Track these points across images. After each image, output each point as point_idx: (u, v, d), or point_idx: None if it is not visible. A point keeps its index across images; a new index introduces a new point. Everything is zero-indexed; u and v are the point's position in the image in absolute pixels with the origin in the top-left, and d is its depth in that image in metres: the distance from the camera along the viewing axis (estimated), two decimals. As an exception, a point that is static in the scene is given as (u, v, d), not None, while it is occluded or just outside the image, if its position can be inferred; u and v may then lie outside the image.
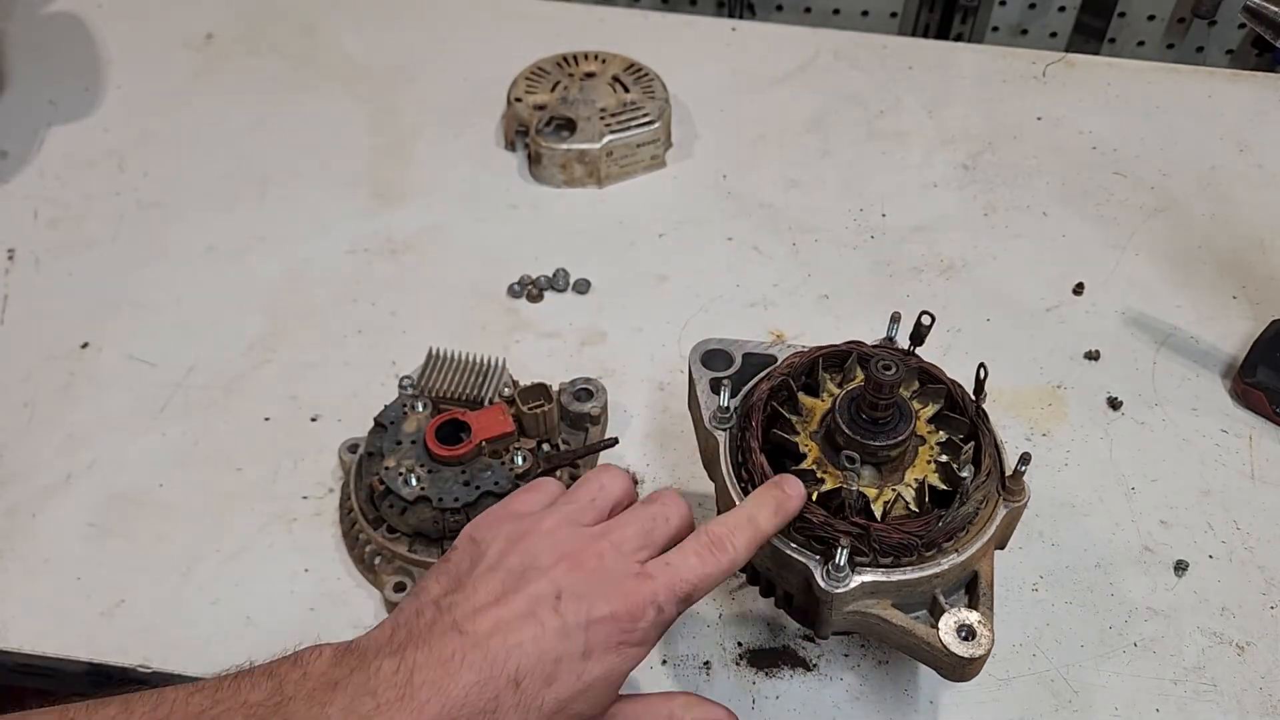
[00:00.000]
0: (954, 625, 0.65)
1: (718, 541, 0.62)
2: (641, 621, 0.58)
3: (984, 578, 0.68)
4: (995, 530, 0.69)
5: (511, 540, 0.61)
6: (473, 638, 0.56)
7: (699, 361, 0.78)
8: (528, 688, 0.55)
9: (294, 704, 0.53)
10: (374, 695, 0.53)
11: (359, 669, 0.55)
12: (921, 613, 0.68)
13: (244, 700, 0.53)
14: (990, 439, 0.72)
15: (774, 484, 0.66)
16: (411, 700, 0.53)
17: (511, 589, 0.58)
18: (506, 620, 0.57)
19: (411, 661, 0.55)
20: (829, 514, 0.66)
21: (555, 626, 0.57)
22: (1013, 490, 0.70)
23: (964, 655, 0.64)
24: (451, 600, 0.58)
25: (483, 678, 0.55)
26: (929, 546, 0.66)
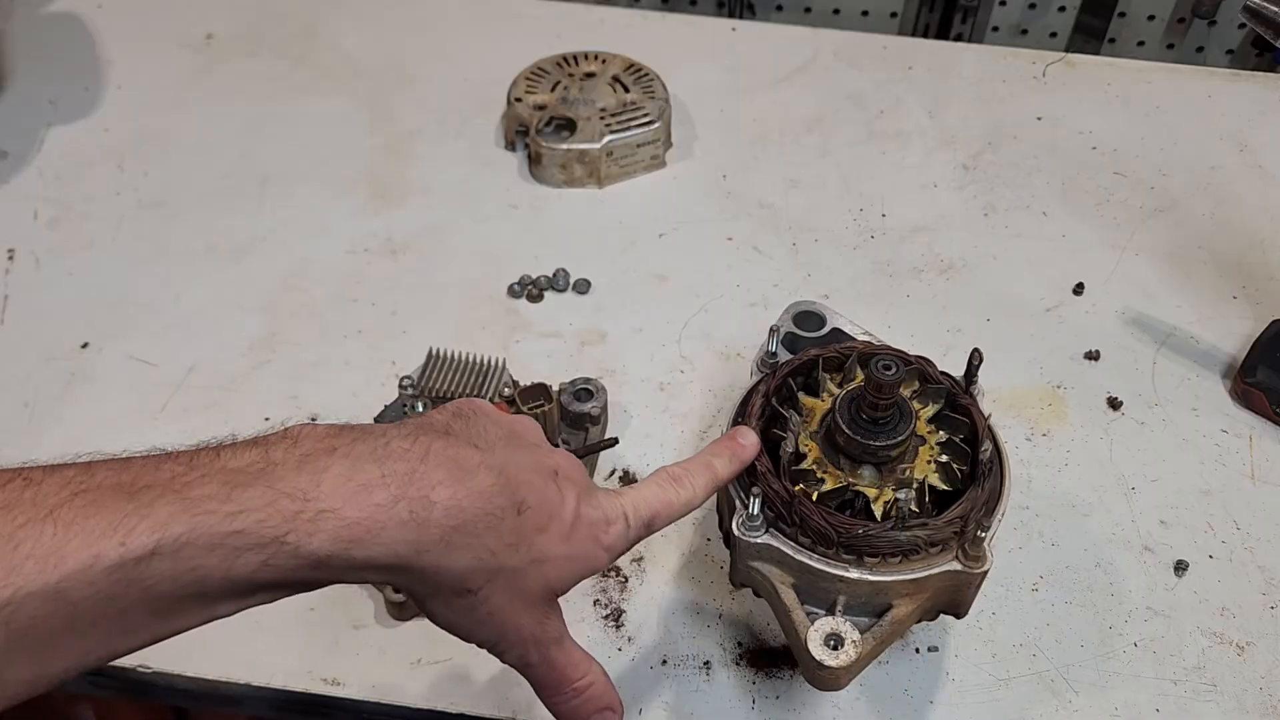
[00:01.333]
0: (827, 629, 0.65)
1: (676, 477, 0.64)
2: (614, 526, 0.59)
3: (895, 616, 0.66)
4: (932, 577, 0.66)
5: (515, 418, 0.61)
6: (488, 454, 0.54)
7: (791, 319, 0.82)
8: (527, 521, 0.54)
9: (281, 469, 0.48)
10: (380, 464, 0.50)
11: (363, 439, 0.51)
12: (820, 611, 0.67)
13: (224, 466, 0.48)
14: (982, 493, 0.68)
15: (730, 435, 0.69)
16: (424, 478, 0.50)
17: (517, 441, 0.57)
18: (517, 460, 0.55)
19: (427, 445, 0.52)
20: (774, 468, 0.67)
21: (554, 490, 0.56)
22: (971, 554, 0.66)
23: (817, 657, 0.64)
24: (462, 425, 0.56)
25: (496, 489, 0.52)
26: (849, 550, 0.65)
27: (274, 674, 0.78)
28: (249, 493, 0.47)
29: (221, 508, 0.46)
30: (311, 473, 0.48)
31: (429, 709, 0.77)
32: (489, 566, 0.53)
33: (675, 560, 0.85)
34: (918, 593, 0.67)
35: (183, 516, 0.45)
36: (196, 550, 0.45)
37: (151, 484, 0.46)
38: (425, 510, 0.50)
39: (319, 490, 0.48)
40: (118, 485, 0.45)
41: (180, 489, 0.46)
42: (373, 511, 0.48)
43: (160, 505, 0.45)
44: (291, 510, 0.47)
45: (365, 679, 0.78)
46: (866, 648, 0.65)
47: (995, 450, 0.69)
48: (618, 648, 0.80)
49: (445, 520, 0.50)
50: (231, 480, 0.47)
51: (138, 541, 0.43)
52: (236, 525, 0.46)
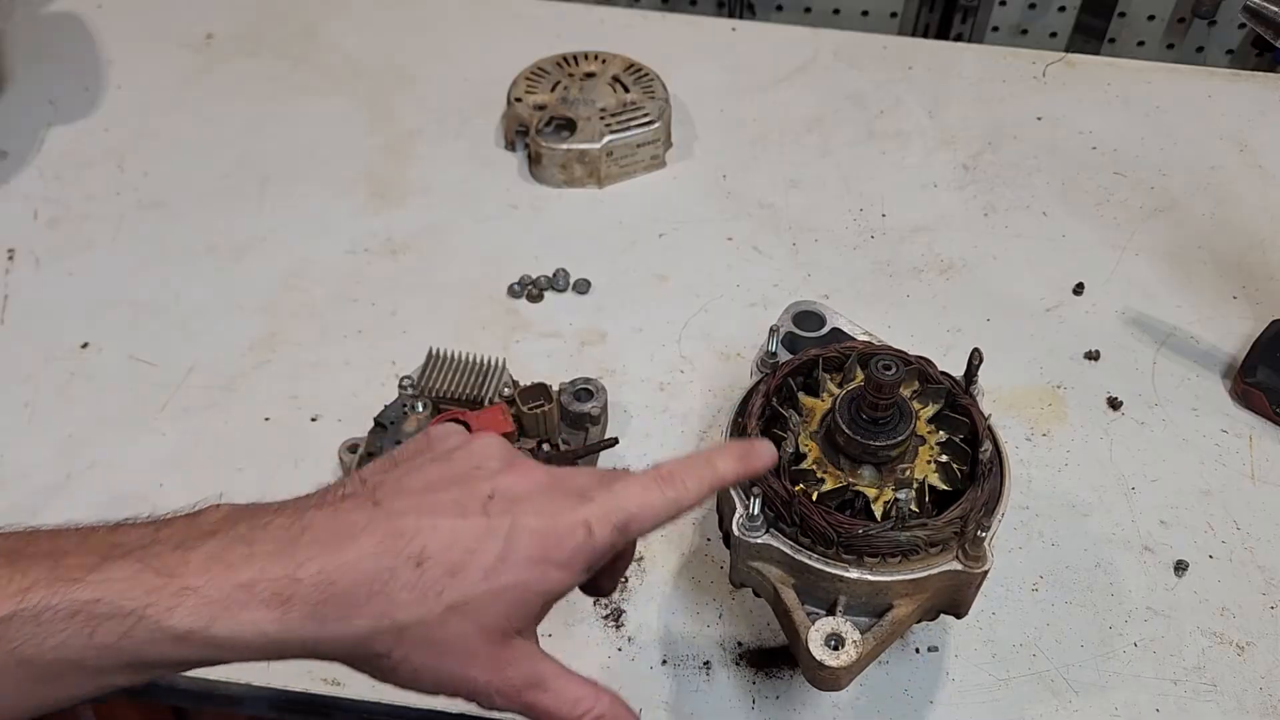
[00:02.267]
0: (828, 629, 0.65)
1: (666, 476, 0.58)
2: (569, 541, 0.54)
3: (894, 619, 0.67)
4: (932, 577, 0.66)
5: (468, 442, 0.57)
6: (384, 511, 0.52)
7: (791, 319, 0.81)
8: (429, 571, 0.51)
9: (159, 548, 0.49)
10: (249, 545, 0.49)
11: (247, 522, 0.51)
12: (820, 612, 0.67)
13: (109, 541, 0.49)
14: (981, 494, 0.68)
15: (746, 439, 0.64)
16: (290, 557, 0.49)
17: (448, 480, 0.54)
18: (427, 504, 0.53)
19: (308, 521, 0.51)
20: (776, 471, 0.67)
21: (478, 523, 0.53)
22: (971, 554, 0.66)
23: (818, 657, 0.64)
24: (379, 480, 0.54)
25: (381, 549, 0.50)
26: (849, 550, 0.66)
27: (274, 674, 0.78)
28: (118, 565, 0.48)
29: (87, 576, 0.47)
30: (185, 551, 0.49)
31: (429, 709, 0.77)
32: (386, 629, 0.50)
33: (675, 560, 0.85)
34: (918, 593, 0.67)
35: (47, 582, 0.47)
36: (56, 616, 0.46)
37: (36, 553, 0.48)
38: (289, 589, 0.49)
39: (185, 568, 0.48)
40: (6, 553, 0.48)
41: (58, 558, 0.48)
42: (231, 591, 0.48)
43: (32, 572, 0.47)
44: (155, 584, 0.48)
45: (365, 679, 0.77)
46: (867, 648, 0.65)
47: (995, 450, 0.69)
48: (618, 648, 0.80)
49: (312, 595, 0.49)
50: (108, 555, 0.48)
51: (2, 604, 0.46)
52: (97, 594, 0.47)
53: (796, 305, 0.83)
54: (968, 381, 0.74)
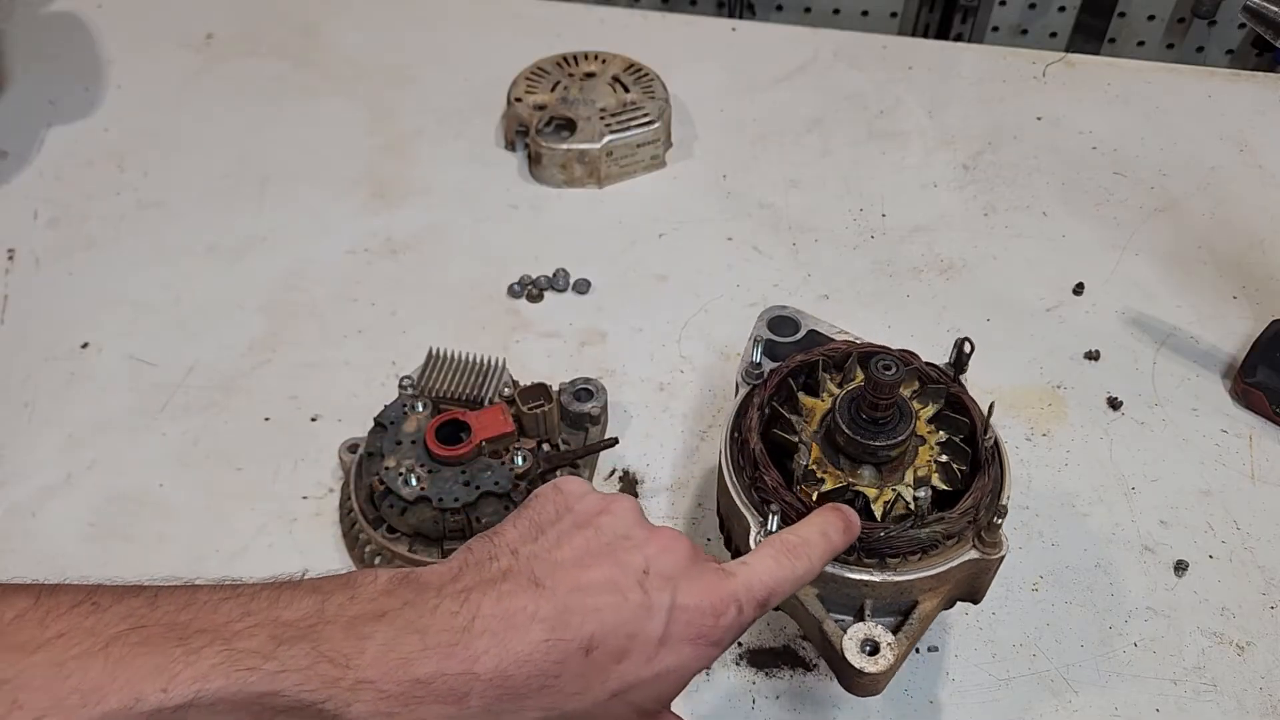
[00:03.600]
0: (861, 636, 0.65)
1: (794, 548, 0.59)
2: (723, 618, 0.54)
3: (921, 612, 0.67)
4: (953, 569, 0.67)
5: (607, 506, 0.57)
6: (549, 594, 0.51)
7: (766, 325, 0.81)
8: (598, 658, 0.51)
9: (329, 629, 0.48)
10: (423, 635, 0.49)
11: (414, 604, 0.50)
12: (846, 618, 0.68)
13: (276, 617, 0.48)
14: (988, 481, 0.69)
15: (835, 507, 0.65)
16: (466, 649, 0.49)
17: (599, 551, 0.54)
18: (588, 583, 0.52)
19: (475, 607, 0.50)
20: (784, 481, 0.67)
21: (638, 601, 0.52)
22: (988, 541, 0.67)
23: (857, 665, 0.64)
24: (531, 551, 0.54)
25: (552, 638, 0.50)
26: (870, 554, 0.66)
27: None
28: (293, 650, 0.47)
29: (263, 665, 0.46)
30: (357, 638, 0.48)
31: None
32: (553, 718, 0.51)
33: (675, 560, 0.85)
34: (940, 586, 0.68)
35: (224, 669, 0.45)
36: (232, 706, 0.45)
37: (205, 629, 0.46)
38: (466, 685, 0.49)
39: (361, 658, 0.48)
40: (173, 625, 0.46)
41: (229, 638, 0.46)
42: (409, 688, 0.48)
43: (206, 655, 0.45)
44: (332, 676, 0.47)
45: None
46: (901, 649, 0.65)
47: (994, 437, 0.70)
48: (618, 648, 0.80)
49: (488, 692, 0.49)
50: (279, 635, 0.47)
51: (178, 690, 0.44)
52: (275, 685, 0.46)
53: (771, 311, 0.82)
54: (957, 370, 0.74)
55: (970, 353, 0.72)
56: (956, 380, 0.74)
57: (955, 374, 0.74)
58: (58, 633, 0.44)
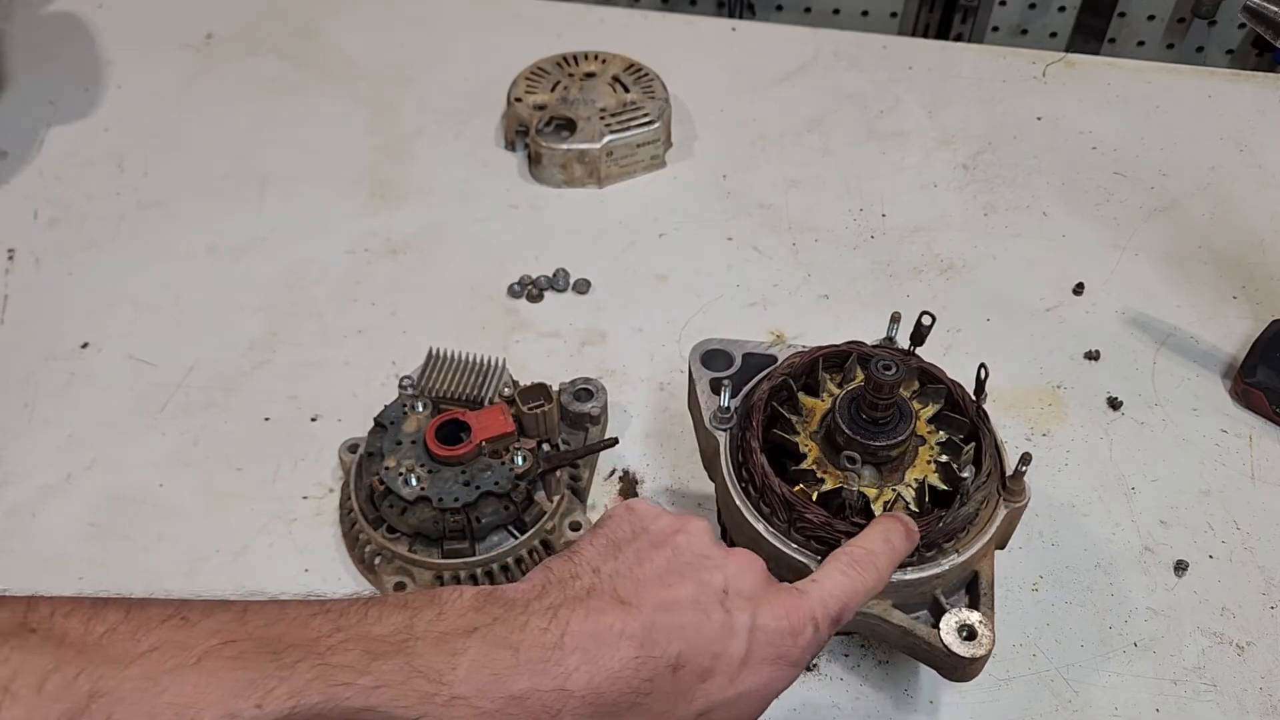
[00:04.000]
0: (955, 625, 0.65)
1: (862, 560, 0.60)
2: (801, 637, 0.55)
3: (985, 578, 0.68)
4: (996, 530, 0.69)
5: (682, 525, 0.57)
6: (635, 611, 0.51)
7: (699, 361, 0.78)
8: (684, 677, 0.51)
9: (421, 645, 0.48)
10: (515, 651, 0.49)
11: (503, 619, 0.50)
12: (923, 613, 0.68)
13: (367, 632, 0.48)
14: (991, 439, 0.72)
15: (893, 516, 0.65)
16: (559, 666, 0.49)
17: (680, 570, 0.54)
18: (673, 600, 0.53)
19: (565, 622, 0.50)
20: (829, 514, 0.66)
21: (720, 621, 0.53)
22: (1013, 490, 0.70)
23: (965, 655, 0.64)
24: (613, 568, 0.54)
25: (642, 655, 0.50)
26: (929, 547, 0.67)
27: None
28: (387, 665, 0.47)
29: (358, 680, 0.46)
30: (449, 654, 0.48)
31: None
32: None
33: (675, 560, 0.85)
34: (989, 549, 0.69)
35: (319, 684, 0.45)
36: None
37: (296, 643, 0.46)
38: (560, 701, 0.49)
39: (454, 674, 0.48)
40: (265, 640, 0.46)
41: (323, 653, 0.46)
42: (504, 704, 0.48)
43: (300, 670, 0.45)
44: (427, 692, 0.47)
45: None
46: (991, 620, 0.66)
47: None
48: (618, 648, 0.80)
49: (581, 709, 0.49)
50: (372, 650, 0.47)
51: (273, 706, 0.44)
52: (371, 701, 0.46)
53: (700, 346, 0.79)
54: (915, 343, 0.74)
55: (930, 325, 0.72)
56: (912, 353, 0.74)
57: (912, 346, 0.74)
58: (150, 646, 0.44)
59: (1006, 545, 0.74)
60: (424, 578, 0.80)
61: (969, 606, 0.67)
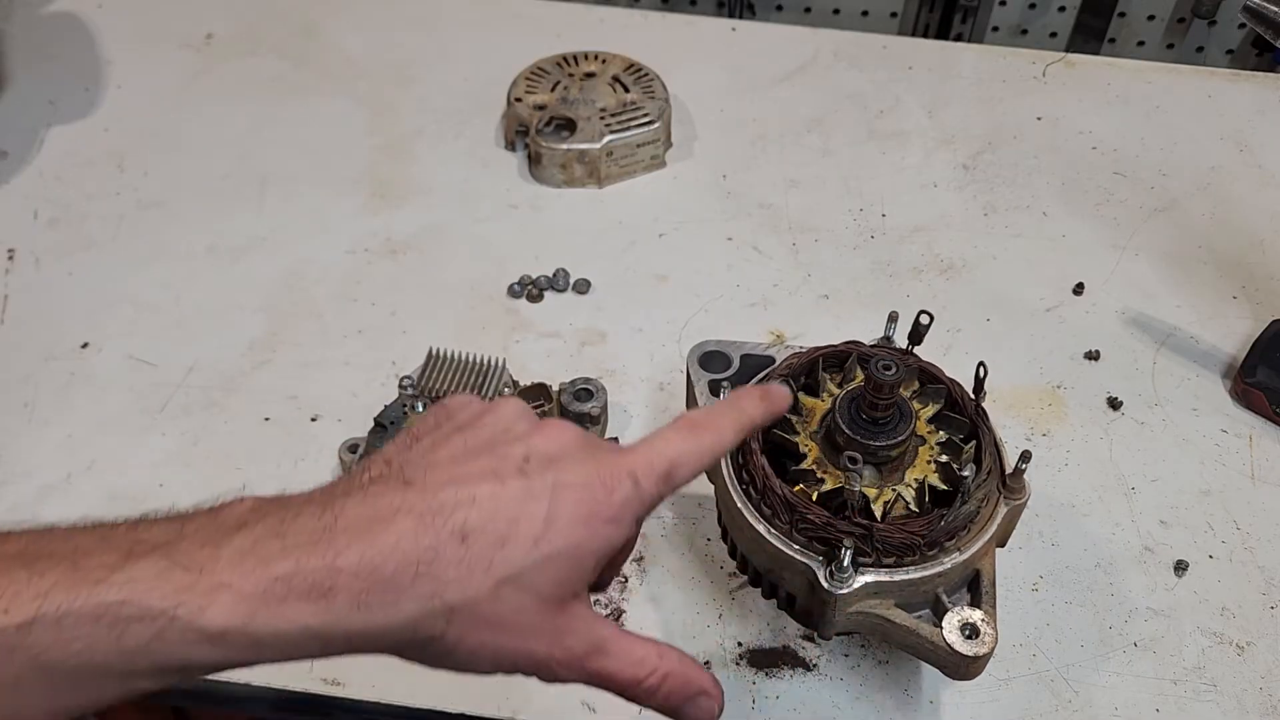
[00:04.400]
0: (958, 624, 0.65)
1: (697, 423, 0.56)
2: (616, 493, 0.51)
3: (986, 576, 0.68)
4: (997, 529, 0.69)
5: (489, 409, 0.55)
6: (419, 489, 0.49)
7: (697, 363, 0.78)
8: (475, 545, 0.48)
9: (185, 543, 0.46)
10: (281, 538, 0.47)
11: (275, 515, 0.48)
12: (925, 611, 0.68)
13: (133, 538, 0.46)
14: (990, 438, 0.72)
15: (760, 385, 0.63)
16: (328, 546, 0.47)
17: (477, 449, 0.52)
18: (463, 475, 0.50)
19: (339, 509, 0.48)
20: (831, 514, 0.66)
21: (517, 486, 0.50)
22: (1013, 488, 0.70)
23: (968, 654, 0.64)
24: (405, 458, 0.52)
25: (421, 527, 0.48)
26: (931, 546, 0.67)
27: (274, 674, 0.78)
28: (143, 563, 0.45)
29: (110, 576, 0.44)
30: (213, 547, 0.46)
31: (429, 709, 0.77)
32: (436, 610, 0.48)
33: (675, 560, 0.85)
34: (990, 547, 0.69)
35: (67, 583, 0.44)
36: (80, 620, 0.44)
37: (53, 553, 0.45)
38: (329, 579, 0.46)
39: (216, 564, 0.46)
40: (21, 554, 0.45)
41: (78, 558, 0.45)
42: (269, 585, 0.46)
43: (50, 574, 0.44)
44: (185, 582, 0.45)
45: (365, 679, 0.78)
46: (993, 619, 0.66)
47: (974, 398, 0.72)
48: (618, 648, 0.80)
49: (353, 584, 0.46)
50: (131, 550, 0.46)
51: (19, 610, 0.43)
52: (122, 595, 0.44)
53: (698, 348, 0.80)
54: (913, 341, 0.74)
55: (928, 325, 0.72)
56: (910, 352, 0.74)
57: (910, 346, 0.74)
58: None
59: (1006, 543, 0.74)
60: (424, 578, 0.80)
61: (971, 605, 0.67)
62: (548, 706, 0.76)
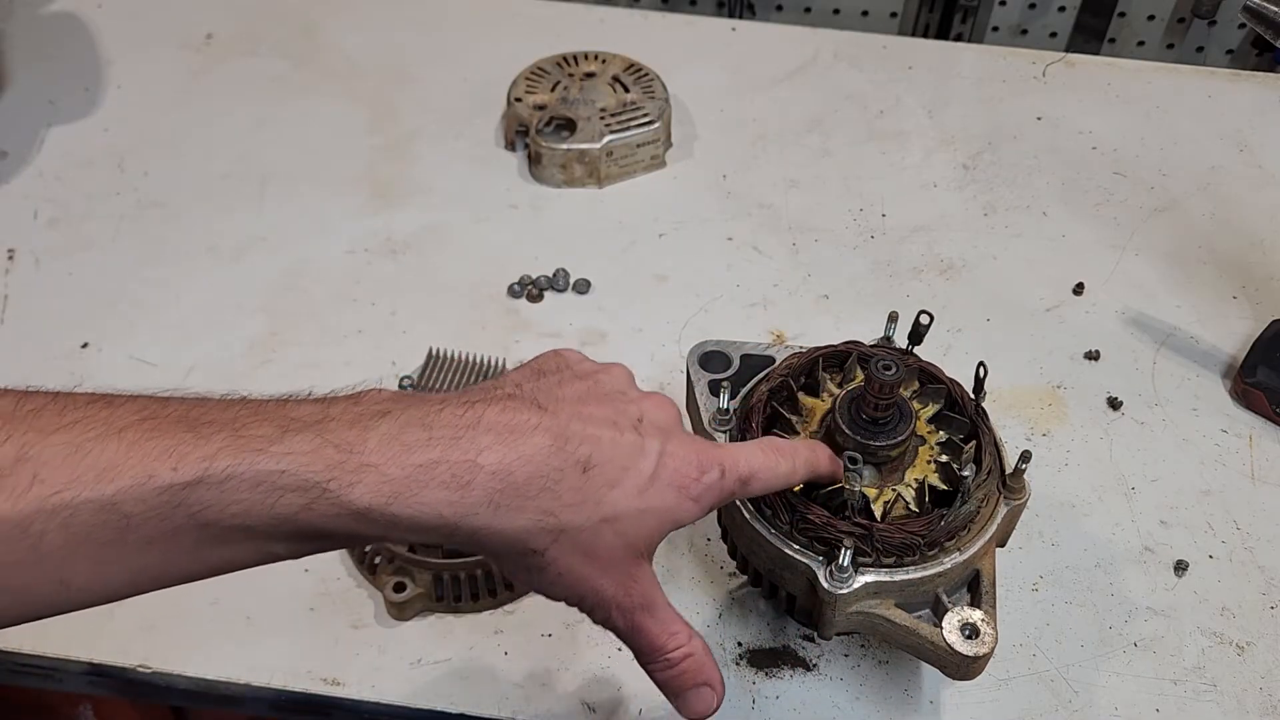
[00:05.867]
0: (958, 624, 0.65)
1: (780, 449, 0.62)
2: (707, 475, 0.57)
3: (986, 576, 0.68)
4: (996, 528, 0.69)
5: (603, 368, 0.60)
6: (551, 414, 0.54)
7: (697, 363, 0.78)
8: (593, 479, 0.53)
9: (334, 424, 0.50)
10: (428, 429, 0.51)
11: (418, 405, 0.52)
12: (925, 611, 0.68)
13: (284, 414, 0.51)
14: (990, 438, 0.72)
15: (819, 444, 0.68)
16: (471, 442, 0.51)
17: (598, 398, 0.57)
18: (588, 414, 0.55)
19: (481, 412, 0.52)
20: (831, 514, 0.66)
21: (632, 440, 0.55)
22: (1014, 488, 0.70)
23: (968, 654, 0.64)
24: (535, 385, 0.57)
25: (553, 448, 0.52)
26: (931, 546, 0.67)
27: (274, 674, 0.78)
28: (299, 438, 0.49)
29: (270, 447, 0.48)
30: (361, 429, 0.50)
31: (429, 709, 0.77)
32: (548, 527, 0.52)
33: (675, 560, 0.85)
34: (990, 547, 0.69)
35: (231, 449, 0.47)
36: (241, 484, 0.47)
37: (214, 421, 0.49)
38: (469, 473, 0.50)
39: (365, 445, 0.49)
40: (184, 418, 0.49)
41: (238, 427, 0.49)
42: (413, 471, 0.49)
43: (215, 439, 0.48)
44: (336, 459, 0.49)
45: (365, 679, 0.78)
46: (993, 619, 0.66)
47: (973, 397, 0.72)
48: (618, 648, 0.80)
49: (490, 483, 0.50)
50: (286, 425, 0.49)
51: (187, 468, 0.46)
52: (281, 465, 0.48)
53: (698, 348, 0.80)
54: (913, 341, 0.74)
55: (928, 324, 0.72)
56: (910, 352, 0.74)
57: (910, 346, 0.74)
58: (75, 420, 0.47)
59: (1006, 543, 0.74)
60: (424, 578, 0.80)
61: (971, 605, 0.67)
62: (548, 706, 0.76)
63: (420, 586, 0.80)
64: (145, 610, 0.81)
